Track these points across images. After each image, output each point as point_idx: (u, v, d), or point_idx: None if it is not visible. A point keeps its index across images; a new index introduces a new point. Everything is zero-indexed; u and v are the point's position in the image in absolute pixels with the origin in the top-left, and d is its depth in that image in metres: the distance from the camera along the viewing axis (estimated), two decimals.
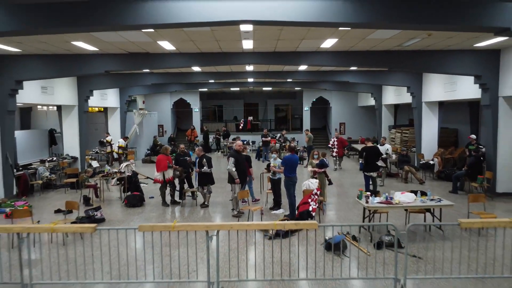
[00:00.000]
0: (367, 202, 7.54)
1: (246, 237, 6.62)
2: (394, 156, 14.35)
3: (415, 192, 7.81)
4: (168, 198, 10.47)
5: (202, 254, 6.37)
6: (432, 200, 7.64)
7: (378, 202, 7.52)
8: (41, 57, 10.73)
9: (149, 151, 21.51)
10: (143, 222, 8.47)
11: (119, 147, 18.06)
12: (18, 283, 5.09)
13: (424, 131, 15.53)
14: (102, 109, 20.79)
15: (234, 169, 8.96)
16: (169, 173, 10.34)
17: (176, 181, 10.58)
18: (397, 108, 21.00)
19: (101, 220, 8.70)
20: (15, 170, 11.47)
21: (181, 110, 26.86)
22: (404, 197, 7.58)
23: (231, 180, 9.14)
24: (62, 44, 9.48)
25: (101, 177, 11.08)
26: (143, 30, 7.83)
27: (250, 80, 19.59)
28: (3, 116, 10.75)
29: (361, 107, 24.92)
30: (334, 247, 6.51)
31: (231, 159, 9.06)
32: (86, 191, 11.16)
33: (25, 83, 11.19)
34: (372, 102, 21.10)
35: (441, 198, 7.76)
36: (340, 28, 8.06)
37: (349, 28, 7.86)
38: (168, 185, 10.38)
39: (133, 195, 10.41)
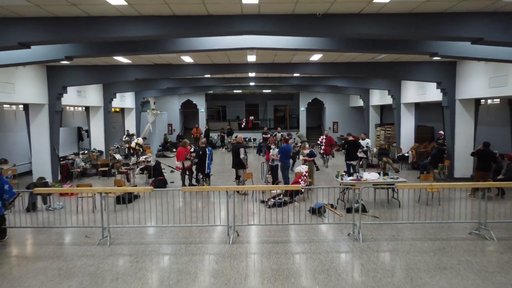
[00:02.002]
0: (342, 179, 10.02)
1: (253, 205, 9.09)
2: (374, 149, 16.83)
3: (379, 173, 10.29)
4: (186, 182, 12.91)
5: (223, 212, 8.81)
6: (391, 178, 10.11)
7: (350, 180, 9.99)
8: (83, 67, 13.18)
9: (161, 147, 24.00)
10: (170, 200, 10.86)
11: (137, 144, 20.48)
12: (99, 227, 7.57)
13: (402, 128, 17.99)
14: (118, 109, 23.23)
15: (246, 157, 11.21)
16: (188, 162, 12.80)
17: (193, 168, 13.01)
18: (383, 109, 23.47)
19: (137, 197, 11.15)
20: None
21: (188, 111, 29.34)
22: (370, 176, 10.07)
23: (237, 166, 11.43)
24: (104, 58, 11.94)
25: (132, 165, 13.54)
26: None
27: (252, 83, 22.04)
28: (52, 115, 13.20)
29: (352, 107, 27.41)
30: (316, 211, 9.00)
31: (242, 150, 11.18)
32: (118, 176, 13.62)
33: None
34: (361, 103, 23.57)
35: (398, 177, 10.24)
36: None
37: None
38: (187, 171, 12.84)
39: (158, 179, 12.88)
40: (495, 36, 6.67)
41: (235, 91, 28.15)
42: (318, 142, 18.89)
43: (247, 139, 24.09)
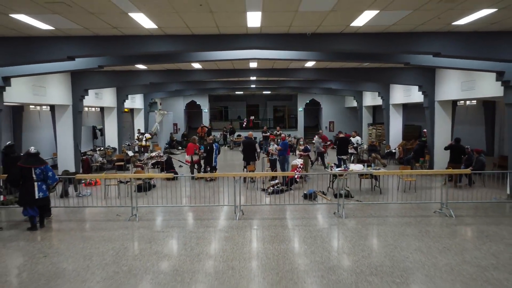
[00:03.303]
0: (331, 170, 11.66)
1: (256, 194, 10.71)
2: (365, 146, 18.48)
3: (363, 165, 11.92)
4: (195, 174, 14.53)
5: (230, 196, 10.42)
6: (374, 169, 11.73)
7: (338, 170, 11.62)
8: (103, 72, 14.76)
9: (167, 145, 25.66)
10: (181, 189, 12.39)
11: (146, 140, 22.09)
12: (129, 206, 9.21)
13: (391, 127, 19.62)
14: (128, 110, 24.85)
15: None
16: (196, 156, 14.43)
17: (201, 162, 14.63)
18: (375, 109, 25.12)
19: (154, 186, 12.76)
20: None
21: (192, 111, 30.99)
22: (355, 167, 11.70)
23: (252, 158, 13.27)
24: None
25: (146, 159, 15.18)
26: None
27: (253, 85, 23.67)
28: (75, 115, 14.82)
29: (347, 107, 29.07)
30: (309, 196, 10.63)
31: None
32: (134, 169, 15.25)
33: None
34: (355, 104, 25.21)
35: (380, 168, 11.87)
36: None
37: None
38: (195, 165, 14.46)
39: (170, 171, 14.50)
40: (449, 50, 8.31)
41: (236, 92, 29.79)
42: (313, 141, 20.50)
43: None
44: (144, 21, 7.20)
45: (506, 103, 10.43)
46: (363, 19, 7.23)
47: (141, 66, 13.86)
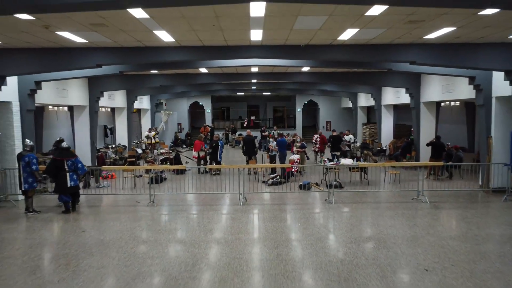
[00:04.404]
0: (324, 164, 13.08)
1: (257, 185, 12.13)
2: (358, 144, 19.91)
3: (353, 159, 13.34)
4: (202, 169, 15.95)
5: (235, 186, 11.84)
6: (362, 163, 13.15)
7: (331, 164, 13.04)
8: (117, 76, 16.21)
9: (172, 144, 27.07)
10: (188, 182, 13.79)
11: (154, 137, 23.43)
12: (147, 194, 10.63)
13: (383, 127, 21.04)
14: (135, 110, 26.24)
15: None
16: (202, 153, 15.86)
17: (207, 158, 16.05)
18: (369, 109, 26.54)
19: (165, 179, 14.17)
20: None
21: (196, 111, 32.41)
22: (346, 161, 13.12)
23: (253, 153, 14.71)
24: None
25: (156, 156, 16.61)
26: None
27: (253, 87, 25.09)
28: (91, 115, 16.24)
29: (343, 108, 30.51)
30: (303, 186, 12.06)
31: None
32: (145, 165, 16.66)
33: None
34: (350, 104, 26.64)
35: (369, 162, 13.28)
36: None
37: None
38: (201, 160, 15.88)
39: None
40: (423, 59, 9.73)
41: (238, 93, 31.23)
42: (313, 140, 21.87)
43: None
44: (165, 36, 8.62)
45: (477, 104, 11.86)
46: (347, 34, 8.65)
47: (153, 71, 15.26)
